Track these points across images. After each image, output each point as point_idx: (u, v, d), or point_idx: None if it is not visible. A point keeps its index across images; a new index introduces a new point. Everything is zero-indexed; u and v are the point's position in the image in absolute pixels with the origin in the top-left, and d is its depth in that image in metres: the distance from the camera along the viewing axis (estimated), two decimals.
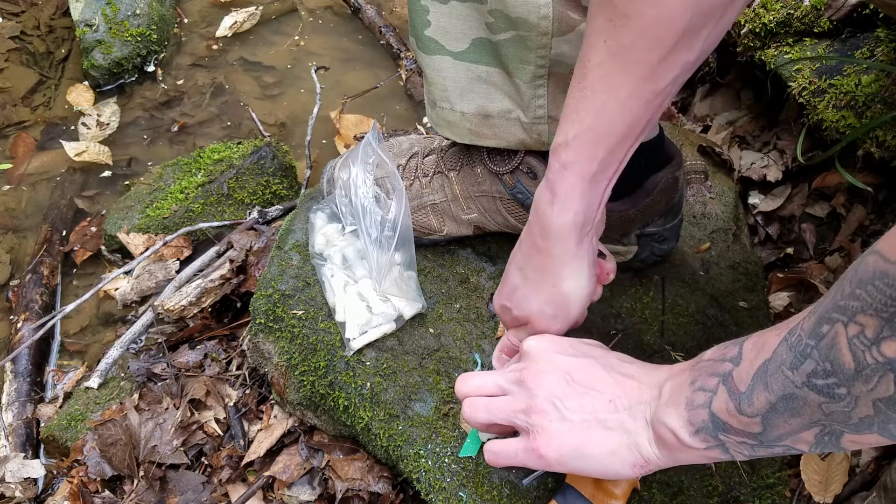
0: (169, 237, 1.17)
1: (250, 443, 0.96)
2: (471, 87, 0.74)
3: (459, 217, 0.86)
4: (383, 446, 0.81)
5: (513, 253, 0.70)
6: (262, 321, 0.90)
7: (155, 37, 1.56)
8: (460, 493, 0.76)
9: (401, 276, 0.85)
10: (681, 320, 0.87)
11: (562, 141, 0.59)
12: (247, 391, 1.00)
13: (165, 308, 1.06)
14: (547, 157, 0.77)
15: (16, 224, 1.33)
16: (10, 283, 1.25)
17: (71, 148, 1.40)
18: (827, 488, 0.84)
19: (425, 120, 1.44)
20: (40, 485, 1.00)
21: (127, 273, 1.16)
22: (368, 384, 0.82)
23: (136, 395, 0.99)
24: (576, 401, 0.60)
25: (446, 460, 0.78)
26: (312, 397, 0.87)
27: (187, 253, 1.19)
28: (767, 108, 1.22)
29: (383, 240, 0.83)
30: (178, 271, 1.15)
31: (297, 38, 1.65)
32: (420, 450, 0.79)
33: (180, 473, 0.93)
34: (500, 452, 0.64)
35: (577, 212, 0.61)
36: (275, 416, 0.96)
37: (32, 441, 1.05)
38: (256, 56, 1.61)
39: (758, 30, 1.10)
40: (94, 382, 1.02)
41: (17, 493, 0.97)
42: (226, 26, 1.65)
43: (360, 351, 0.84)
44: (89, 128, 1.46)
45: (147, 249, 1.16)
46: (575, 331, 0.71)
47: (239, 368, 1.03)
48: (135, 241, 1.19)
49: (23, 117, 1.50)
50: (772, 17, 1.08)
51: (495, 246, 0.92)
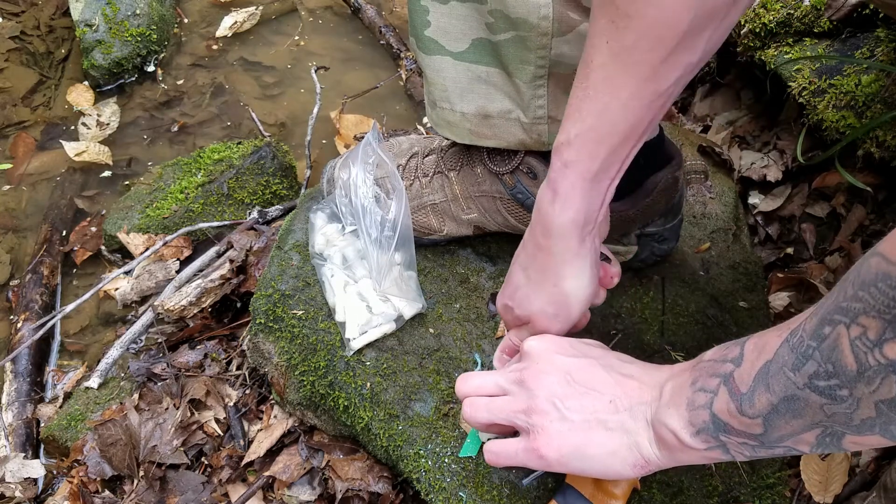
0: (169, 237, 1.17)
1: (250, 443, 0.96)
2: (471, 87, 0.74)
3: (459, 217, 0.86)
4: (383, 446, 0.81)
5: (516, 252, 0.70)
6: (262, 321, 0.90)
7: (155, 37, 1.56)
8: (460, 493, 0.76)
9: (401, 276, 0.85)
10: (681, 320, 0.87)
11: (564, 140, 0.59)
12: (247, 391, 1.00)
13: (165, 308, 1.06)
14: (547, 157, 0.77)
15: (16, 224, 1.33)
16: (10, 283, 1.25)
17: (71, 148, 1.40)
18: (827, 488, 0.84)
19: (425, 120, 1.44)
20: (40, 485, 1.00)
21: (127, 273, 1.16)
22: (368, 384, 0.82)
23: (136, 395, 0.99)
24: (576, 401, 0.60)
25: (446, 460, 0.78)
26: (312, 397, 0.87)
27: (187, 253, 1.19)
28: (767, 108, 1.22)
29: (383, 240, 0.83)
30: (178, 271, 1.14)
31: (297, 38, 1.65)
32: (420, 450, 0.79)
33: (180, 473, 0.93)
34: (501, 453, 0.64)
35: (578, 210, 0.61)
36: (275, 416, 0.96)
37: (32, 441, 1.05)
38: (256, 56, 1.61)
39: (758, 30, 1.10)
40: (94, 382, 1.02)
41: (17, 493, 0.97)
42: (226, 26, 1.65)
43: (360, 351, 0.84)
44: (89, 128, 1.46)
45: (147, 249, 1.16)
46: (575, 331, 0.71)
47: (239, 368, 1.03)
48: (135, 241, 1.19)
49: (23, 117, 1.50)
50: (772, 17, 1.08)
51: (495, 246, 0.92)
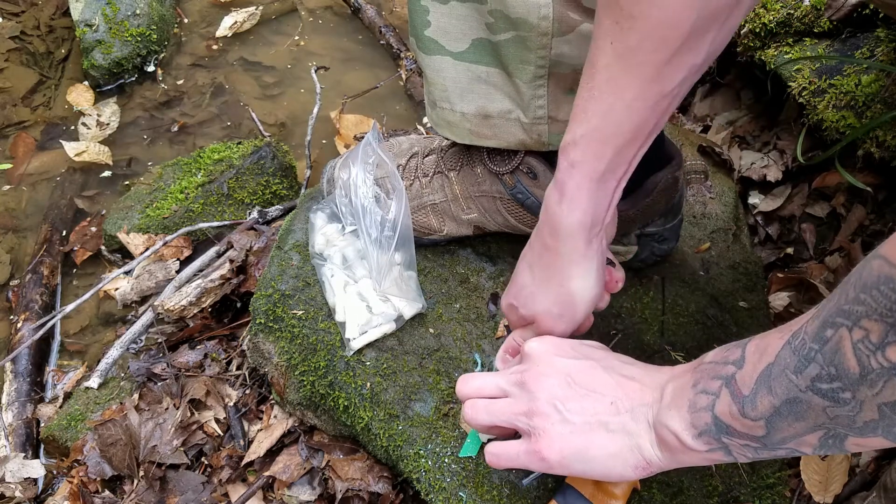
0: (169, 237, 1.17)
1: (250, 443, 0.96)
2: (471, 87, 0.74)
3: (459, 217, 0.86)
4: (383, 446, 0.81)
5: (523, 252, 0.70)
6: (262, 321, 0.90)
7: (155, 37, 1.56)
8: (460, 493, 0.76)
9: (401, 276, 0.85)
10: (681, 320, 0.87)
11: (570, 140, 0.59)
12: (247, 391, 1.00)
13: (165, 308, 1.06)
14: (547, 157, 0.78)
15: (16, 224, 1.33)
16: (10, 283, 1.25)
17: (71, 148, 1.40)
18: (827, 488, 0.84)
19: (425, 120, 1.44)
20: (40, 485, 1.00)
21: (127, 273, 1.16)
22: (368, 384, 0.82)
23: (136, 395, 0.99)
24: (577, 403, 0.60)
25: (446, 460, 0.78)
26: (312, 397, 0.87)
27: (187, 253, 1.19)
28: (767, 108, 1.22)
29: (383, 240, 0.83)
30: (178, 271, 1.14)
31: (297, 38, 1.65)
32: (420, 450, 0.79)
33: (180, 473, 0.93)
34: (502, 454, 0.64)
35: (584, 211, 0.61)
36: (275, 416, 0.96)
37: (32, 441, 1.04)
38: (256, 56, 1.61)
39: (758, 30, 1.10)
40: (94, 382, 1.02)
41: (17, 493, 0.97)
42: (226, 26, 1.65)
43: (360, 351, 0.84)
44: (89, 128, 1.46)
45: (147, 249, 1.16)
46: None
47: (239, 368, 1.03)
48: (135, 241, 1.19)
49: (23, 117, 1.50)
50: (772, 17, 1.08)
51: (495, 246, 0.92)
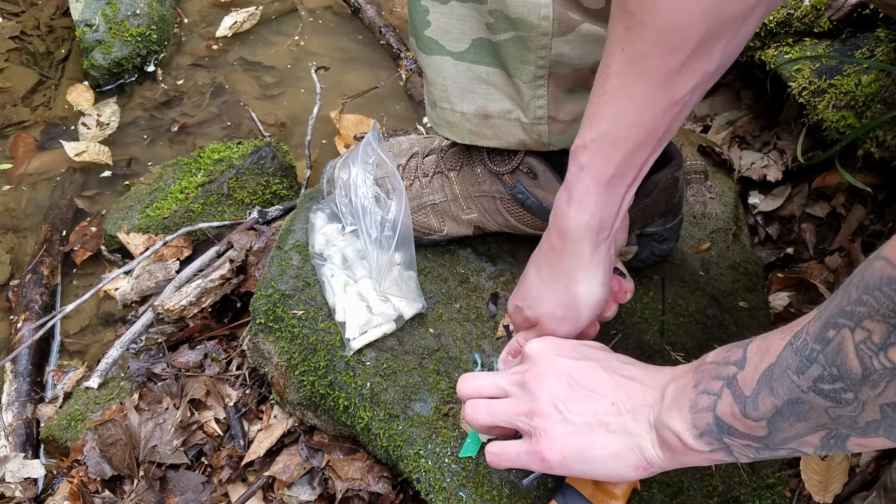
0: (169, 237, 1.17)
1: (250, 443, 0.96)
2: (471, 87, 0.74)
3: (459, 217, 0.86)
4: (383, 446, 0.81)
5: (533, 253, 0.70)
6: (262, 321, 0.90)
7: (155, 37, 1.56)
8: (460, 493, 0.76)
9: (401, 276, 0.85)
10: (681, 320, 0.87)
11: (580, 143, 0.60)
12: (247, 391, 1.00)
13: (165, 308, 1.06)
14: (547, 157, 0.78)
15: (16, 224, 1.33)
16: (10, 283, 1.25)
17: (71, 148, 1.40)
18: (827, 488, 0.84)
19: (425, 120, 1.44)
20: (40, 485, 1.00)
21: (127, 273, 1.16)
22: (368, 384, 0.82)
23: (136, 395, 0.99)
24: (578, 403, 0.60)
25: (446, 460, 0.78)
26: (312, 397, 0.87)
27: (187, 253, 1.19)
28: (767, 108, 1.22)
29: (383, 240, 0.83)
30: (178, 271, 1.14)
31: (297, 38, 1.65)
32: (420, 450, 0.79)
33: (180, 473, 0.93)
34: (502, 454, 0.64)
35: (593, 214, 0.61)
36: (275, 416, 0.96)
37: (32, 441, 1.04)
38: (256, 56, 1.61)
39: (758, 30, 1.09)
40: (94, 382, 1.02)
41: (17, 493, 0.97)
42: (226, 26, 1.65)
43: (360, 351, 0.84)
44: (89, 128, 1.46)
45: (147, 249, 1.16)
46: None
47: (239, 368, 1.03)
48: (135, 241, 1.19)
49: (23, 117, 1.50)
50: (772, 17, 1.08)
51: (495, 246, 0.92)
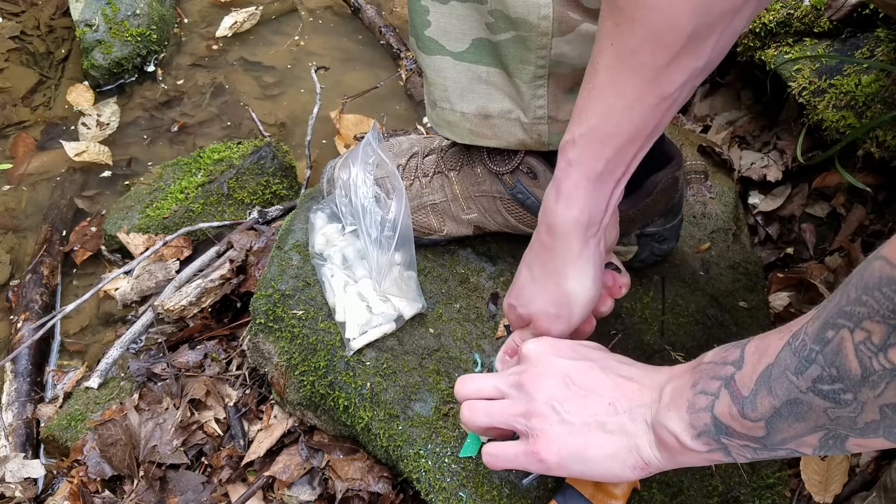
0: (169, 237, 1.17)
1: (250, 443, 0.96)
2: (471, 87, 0.74)
3: (459, 217, 0.86)
4: (383, 446, 0.81)
5: (525, 252, 0.70)
6: (262, 321, 0.90)
7: (155, 37, 1.56)
8: (460, 493, 0.76)
9: (401, 276, 0.85)
10: (681, 320, 0.87)
11: (569, 139, 0.60)
12: (247, 391, 1.00)
13: (165, 308, 1.06)
14: (547, 157, 0.78)
15: (16, 224, 1.33)
16: (10, 283, 1.25)
17: (71, 148, 1.40)
18: (827, 488, 0.84)
19: (425, 120, 1.44)
20: (40, 485, 1.00)
21: (127, 273, 1.16)
22: (368, 384, 0.82)
23: (136, 395, 0.99)
24: (575, 404, 0.60)
25: (446, 460, 0.78)
26: (312, 397, 0.87)
27: (187, 253, 1.19)
28: (767, 108, 1.22)
29: (383, 240, 0.83)
30: (178, 271, 1.14)
31: (297, 38, 1.65)
32: (420, 450, 0.79)
33: (180, 473, 0.93)
34: (500, 455, 0.64)
35: (581, 210, 0.61)
36: (275, 416, 0.96)
37: (32, 441, 1.04)
38: (256, 56, 1.61)
39: (758, 30, 1.10)
40: (94, 382, 1.02)
41: (17, 493, 0.97)
42: (226, 26, 1.65)
43: (360, 351, 0.84)
44: (89, 128, 1.46)
45: (147, 249, 1.16)
46: None
47: (239, 368, 1.03)
48: (135, 241, 1.19)
49: (23, 117, 1.50)
50: (772, 17, 1.08)
51: (495, 246, 0.92)
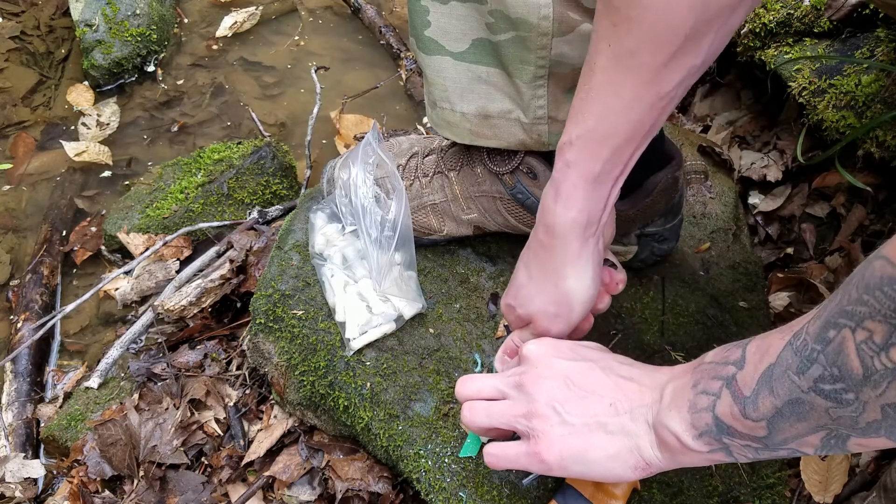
0: (169, 237, 1.17)
1: (250, 443, 0.96)
2: (471, 87, 0.74)
3: (459, 217, 0.86)
4: (383, 446, 0.81)
5: (522, 251, 0.70)
6: (262, 321, 0.90)
7: (155, 37, 1.56)
8: (460, 493, 0.76)
9: (401, 276, 0.85)
10: (681, 320, 0.87)
11: (566, 140, 0.60)
12: (247, 391, 1.00)
13: (165, 308, 1.06)
14: (547, 157, 0.78)
15: (16, 224, 1.33)
16: (10, 283, 1.25)
17: (71, 148, 1.40)
18: (827, 488, 0.84)
19: (425, 120, 1.44)
20: (40, 485, 1.00)
21: (127, 273, 1.16)
22: (368, 384, 0.82)
23: (136, 395, 0.99)
24: (576, 405, 0.60)
25: (446, 460, 0.78)
26: (312, 397, 0.87)
27: (187, 253, 1.19)
28: (767, 108, 1.22)
29: (383, 240, 0.83)
30: (178, 271, 1.14)
31: (297, 38, 1.65)
32: (420, 450, 0.79)
33: (180, 473, 0.93)
34: (501, 456, 0.64)
35: (580, 210, 0.61)
36: (275, 416, 0.96)
37: (32, 441, 1.05)
38: (256, 56, 1.61)
39: (758, 30, 1.10)
40: (94, 382, 1.02)
41: (17, 493, 0.97)
42: (226, 26, 1.65)
43: (360, 351, 0.84)
44: (89, 128, 1.46)
45: (147, 249, 1.16)
46: None
47: (239, 368, 1.03)
48: (135, 241, 1.19)
49: (23, 117, 1.50)
50: (772, 17, 1.08)
51: (495, 246, 0.92)
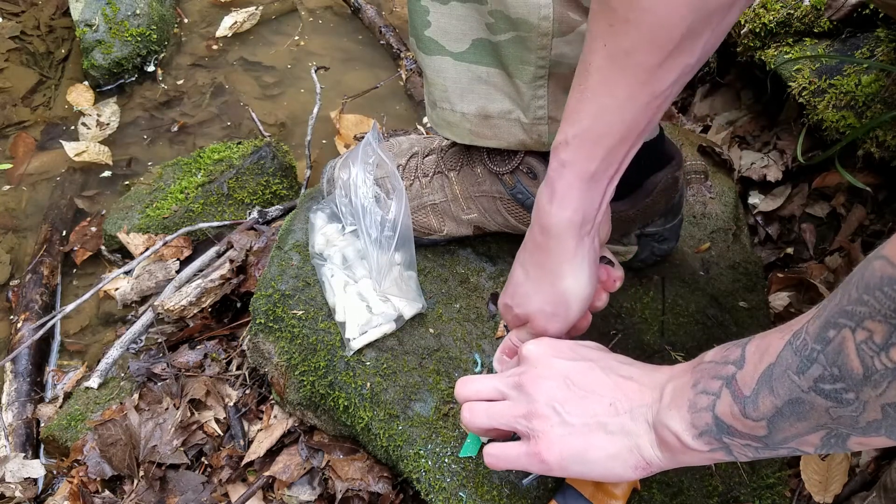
0: (169, 237, 1.17)
1: (250, 443, 0.96)
2: (471, 87, 0.74)
3: (459, 217, 0.86)
4: (383, 446, 0.81)
5: (518, 251, 0.70)
6: (262, 321, 0.90)
7: (155, 37, 1.56)
8: (460, 493, 0.76)
9: (401, 276, 0.85)
10: (681, 320, 0.87)
11: (561, 140, 0.60)
12: (247, 391, 1.00)
13: (165, 308, 1.06)
14: (547, 157, 0.77)
15: (16, 224, 1.33)
16: (10, 283, 1.25)
17: (71, 148, 1.40)
18: (827, 488, 0.84)
19: (425, 120, 1.44)
20: (40, 485, 1.00)
21: (127, 273, 1.16)
22: (368, 384, 0.82)
23: (136, 395, 0.99)
24: (576, 405, 0.60)
25: (446, 460, 0.78)
26: (312, 397, 0.87)
27: (187, 253, 1.19)
28: (767, 108, 1.22)
29: (383, 240, 0.83)
30: (178, 271, 1.14)
31: (297, 38, 1.65)
32: (420, 450, 0.79)
33: (180, 473, 0.93)
34: (501, 456, 0.64)
35: (575, 210, 0.61)
36: (275, 416, 0.96)
37: (32, 441, 1.05)
38: (256, 56, 1.61)
39: (758, 30, 1.10)
40: (94, 382, 1.02)
41: (17, 493, 0.97)
42: (226, 26, 1.65)
43: (360, 351, 0.84)
44: (89, 128, 1.46)
45: (147, 249, 1.16)
46: None
47: (239, 368, 1.03)
48: (135, 241, 1.19)
49: (23, 117, 1.50)
50: (772, 17, 1.08)
51: (495, 246, 0.92)
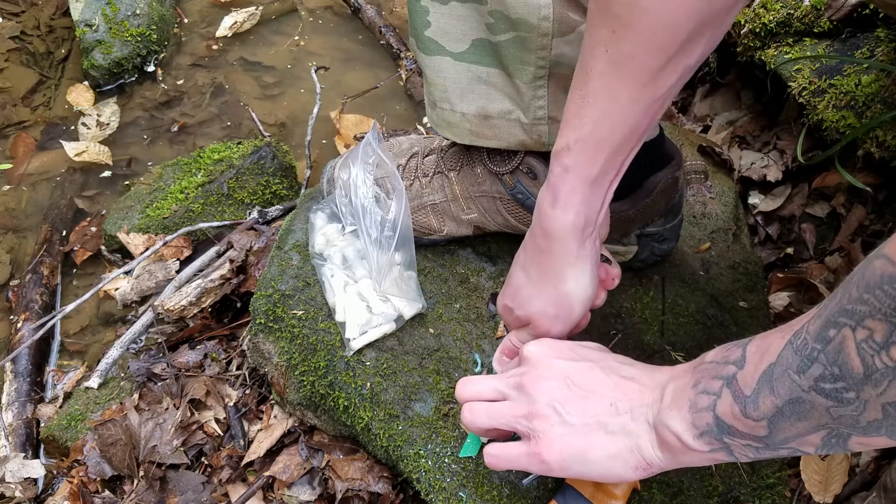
0: (169, 237, 1.17)
1: (250, 443, 0.96)
2: (471, 87, 0.74)
3: (459, 217, 0.86)
4: (383, 446, 0.81)
5: (517, 253, 0.70)
6: (262, 321, 0.90)
7: (155, 37, 1.56)
8: (460, 493, 0.76)
9: (401, 276, 0.85)
10: (681, 320, 0.87)
11: (563, 145, 0.60)
12: (247, 391, 1.00)
13: (165, 308, 1.06)
14: (547, 157, 0.77)
15: (16, 224, 1.33)
16: (10, 283, 1.25)
17: (71, 148, 1.40)
18: (827, 488, 0.84)
19: (425, 120, 1.44)
20: (40, 485, 1.00)
21: (127, 273, 1.16)
22: (368, 384, 0.82)
23: (136, 395, 0.99)
24: (576, 405, 0.60)
25: (446, 460, 0.78)
26: (312, 397, 0.87)
27: (187, 253, 1.19)
28: (767, 108, 1.22)
29: (383, 240, 0.83)
30: (178, 271, 1.14)
31: (297, 38, 1.65)
32: (420, 450, 0.79)
33: (180, 473, 0.93)
34: (501, 456, 0.64)
35: (577, 213, 0.61)
36: (275, 416, 0.96)
37: (32, 441, 1.05)
38: (256, 56, 1.61)
39: (758, 30, 1.10)
40: (94, 382, 1.02)
41: (17, 493, 0.97)
42: (226, 26, 1.65)
43: (360, 351, 0.84)
44: (89, 128, 1.46)
45: (147, 249, 1.16)
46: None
47: (239, 368, 1.03)
48: (135, 241, 1.19)
49: (23, 117, 1.50)
50: (772, 17, 1.08)
51: (495, 246, 0.92)
